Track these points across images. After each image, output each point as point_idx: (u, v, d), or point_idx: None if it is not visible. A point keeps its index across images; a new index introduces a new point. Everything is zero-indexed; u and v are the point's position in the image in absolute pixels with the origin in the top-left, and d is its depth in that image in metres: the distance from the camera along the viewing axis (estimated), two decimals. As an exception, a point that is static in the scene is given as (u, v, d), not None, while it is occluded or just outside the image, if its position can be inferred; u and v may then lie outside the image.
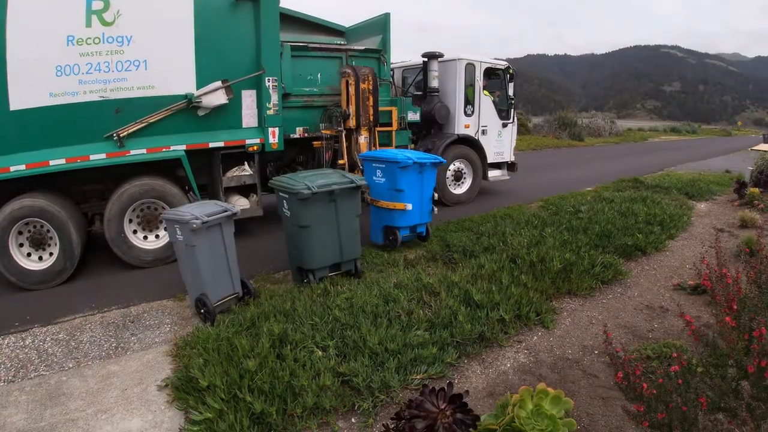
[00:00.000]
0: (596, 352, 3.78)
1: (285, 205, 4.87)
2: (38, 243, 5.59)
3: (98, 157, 5.75)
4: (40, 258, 5.62)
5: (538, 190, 10.78)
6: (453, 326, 3.82)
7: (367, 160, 6.32)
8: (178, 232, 4.23)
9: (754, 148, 20.08)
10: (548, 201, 8.98)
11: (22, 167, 5.44)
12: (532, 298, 4.38)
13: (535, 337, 4.01)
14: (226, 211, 4.40)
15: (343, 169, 7.12)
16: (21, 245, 5.54)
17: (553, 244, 5.76)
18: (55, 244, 5.56)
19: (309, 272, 4.82)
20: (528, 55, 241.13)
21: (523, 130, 23.47)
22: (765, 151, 13.21)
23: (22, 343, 4.13)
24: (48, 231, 5.56)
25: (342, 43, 8.22)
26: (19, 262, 5.47)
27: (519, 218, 7.33)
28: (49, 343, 4.12)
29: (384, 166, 6.01)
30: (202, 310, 4.32)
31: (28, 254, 5.59)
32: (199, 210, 4.25)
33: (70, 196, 6.01)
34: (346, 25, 8.60)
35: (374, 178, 6.15)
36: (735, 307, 2.49)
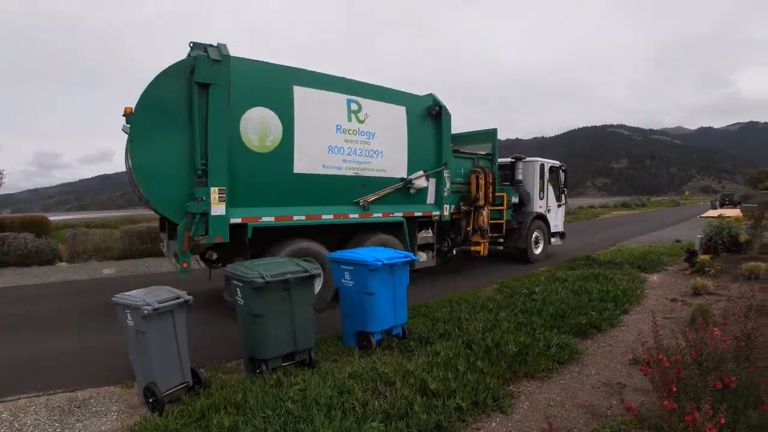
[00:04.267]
0: (554, 436, 3.74)
1: (238, 293, 4.76)
2: None
3: (354, 216, 8.19)
4: None
5: (492, 273, 11.09)
6: (409, 417, 3.72)
7: (334, 262, 5.90)
8: (129, 317, 4.08)
9: (702, 215, 21.16)
10: (503, 284, 9.19)
11: (303, 218, 7.46)
12: (488, 383, 4.32)
13: (494, 423, 3.94)
14: (178, 298, 4.27)
15: (469, 232, 10.45)
16: None
17: (508, 328, 5.83)
18: (320, 276, 6.57)
19: (262, 362, 4.65)
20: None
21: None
22: (713, 217, 13.91)
23: (-38, 418, 3.83)
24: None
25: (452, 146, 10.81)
26: None
27: (474, 302, 7.41)
28: (-9, 423, 3.85)
29: (352, 268, 5.60)
30: (151, 399, 4.10)
31: None
32: (150, 296, 4.13)
33: (322, 243, 7.74)
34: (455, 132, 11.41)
35: (343, 281, 5.74)
36: (674, 389, 2.57)
